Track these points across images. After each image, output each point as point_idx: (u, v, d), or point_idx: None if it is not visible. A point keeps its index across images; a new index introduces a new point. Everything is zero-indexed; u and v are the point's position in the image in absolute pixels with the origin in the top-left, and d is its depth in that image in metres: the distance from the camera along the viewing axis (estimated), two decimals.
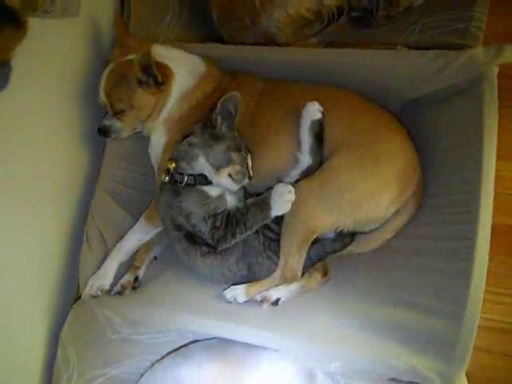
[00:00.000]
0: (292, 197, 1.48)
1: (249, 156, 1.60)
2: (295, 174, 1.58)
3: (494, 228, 1.39)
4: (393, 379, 1.40)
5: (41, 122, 1.67)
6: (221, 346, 1.58)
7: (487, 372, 1.78)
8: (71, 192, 1.88)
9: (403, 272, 1.53)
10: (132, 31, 1.92)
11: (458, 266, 1.39)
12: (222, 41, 2.00)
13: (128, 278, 1.70)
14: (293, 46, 1.91)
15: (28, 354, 1.68)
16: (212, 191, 1.57)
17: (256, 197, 1.55)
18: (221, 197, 1.58)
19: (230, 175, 1.54)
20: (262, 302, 1.52)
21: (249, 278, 1.59)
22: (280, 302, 1.52)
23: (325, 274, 1.61)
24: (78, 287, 1.76)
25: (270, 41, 1.89)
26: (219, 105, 1.52)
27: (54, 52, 1.67)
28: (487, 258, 1.36)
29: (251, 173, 1.58)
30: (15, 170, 1.54)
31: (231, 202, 1.59)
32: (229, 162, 1.54)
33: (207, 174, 1.56)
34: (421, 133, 1.68)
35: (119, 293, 1.67)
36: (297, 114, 1.59)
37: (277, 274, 1.55)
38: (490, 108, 1.48)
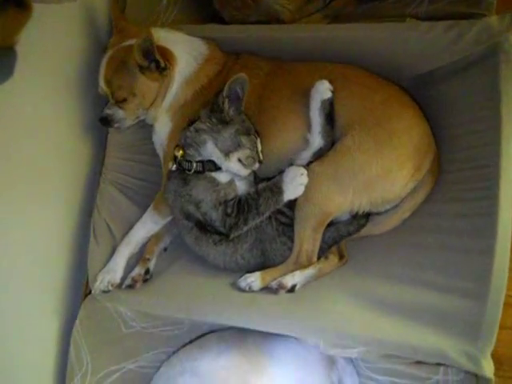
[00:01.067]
0: (305, 179, 1.49)
1: (258, 139, 1.60)
2: (306, 155, 1.58)
3: None
4: (418, 362, 1.41)
5: (38, 114, 1.65)
6: (237, 335, 1.61)
7: (508, 349, 1.79)
8: (75, 185, 1.88)
9: (423, 251, 1.54)
10: (128, 16, 1.91)
11: (480, 243, 1.39)
12: (222, 21, 1.99)
13: (139, 270, 1.69)
14: (297, 22, 1.91)
15: (40, 354, 1.69)
16: (222, 177, 1.58)
17: (267, 181, 1.55)
18: (231, 183, 1.59)
19: (239, 160, 1.55)
20: (277, 289, 1.52)
21: (263, 265, 1.60)
22: (296, 289, 1.53)
23: (341, 257, 1.62)
24: (87, 282, 1.77)
25: (273, 19, 1.88)
26: (226, 87, 1.52)
27: (49, 39, 1.65)
28: (510, 233, 1.36)
29: (261, 157, 1.59)
30: (15, 165, 1.53)
31: (241, 187, 1.60)
32: (238, 146, 1.54)
33: (216, 160, 1.57)
34: (434, 108, 1.68)
35: (130, 286, 1.67)
36: (305, 94, 1.59)
37: (292, 260, 1.56)
38: (507, 79, 1.47)
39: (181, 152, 1.59)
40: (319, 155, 1.55)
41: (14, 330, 1.55)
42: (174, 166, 1.61)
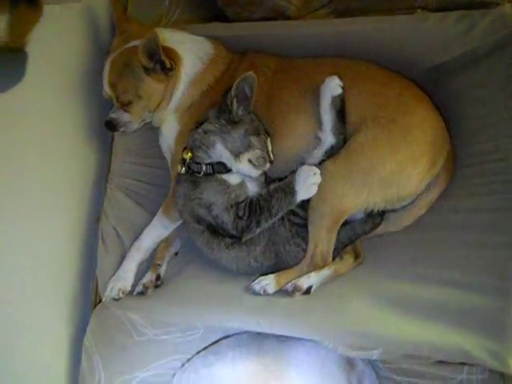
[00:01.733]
0: (318, 179, 1.48)
1: (268, 139, 1.60)
2: (318, 154, 1.57)
3: None
4: (441, 361, 1.41)
5: (42, 119, 1.64)
6: (253, 340, 1.61)
7: None
8: (81, 191, 1.88)
9: (441, 248, 1.54)
10: (130, 16, 1.89)
11: (501, 237, 1.40)
12: (226, 19, 1.99)
13: (149, 277, 1.69)
14: (303, 18, 1.90)
15: (51, 364, 1.69)
16: (232, 179, 1.58)
17: (279, 182, 1.55)
18: (241, 184, 1.58)
19: (250, 161, 1.55)
20: (293, 291, 1.52)
21: (277, 268, 1.59)
22: (312, 290, 1.52)
23: (357, 256, 1.62)
24: (97, 290, 1.78)
25: (279, 15, 1.88)
26: (234, 87, 1.52)
27: (52, 42, 1.64)
28: None
29: (272, 157, 1.59)
30: (20, 172, 1.52)
31: (252, 189, 1.59)
32: (248, 146, 1.54)
33: (226, 162, 1.57)
34: (447, 101, 1.67)
35: (142, 293, 1.66)
36: (315, 91, 1.59)
37: (306, 261, 1.55)
38: None
39: (189, 154, 1.59)
40: (331, 153, 1.55)
41: (25, 341, 1.55)
42: (183, 168, 1.60)
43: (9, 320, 1.48)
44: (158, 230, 1.73)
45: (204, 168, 1.56)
